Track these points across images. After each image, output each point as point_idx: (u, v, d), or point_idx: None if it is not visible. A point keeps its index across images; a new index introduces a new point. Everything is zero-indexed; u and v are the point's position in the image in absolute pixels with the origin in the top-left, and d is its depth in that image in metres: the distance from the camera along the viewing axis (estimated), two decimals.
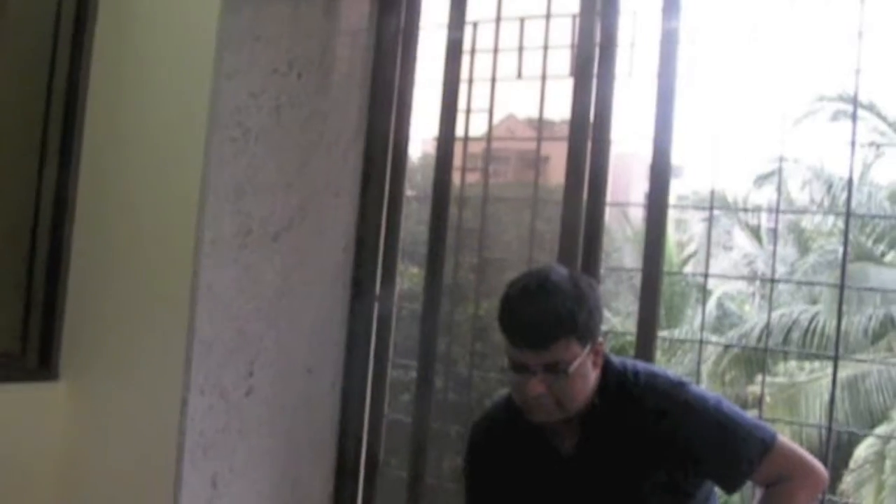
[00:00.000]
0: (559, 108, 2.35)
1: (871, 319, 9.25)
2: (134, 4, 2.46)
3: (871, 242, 10.09)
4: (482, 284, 2.52)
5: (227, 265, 2.26)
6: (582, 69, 2.26)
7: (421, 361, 2.49)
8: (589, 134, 2.24)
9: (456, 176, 2.50)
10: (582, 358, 1.47)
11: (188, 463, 2.19)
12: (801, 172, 10.42)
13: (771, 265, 9.92)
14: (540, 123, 2.45)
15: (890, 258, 10.16)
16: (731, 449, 1.51)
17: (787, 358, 10.04)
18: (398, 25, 2.58)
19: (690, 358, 9.27)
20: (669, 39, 2.15)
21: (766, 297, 11.33)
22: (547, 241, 2.43)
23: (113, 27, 2.47)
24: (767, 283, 9.65)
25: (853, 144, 2.22)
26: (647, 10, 2.21)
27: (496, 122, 2.55)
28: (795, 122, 10.44)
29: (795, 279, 10.48)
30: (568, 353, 1.45)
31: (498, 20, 2.45)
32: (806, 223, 11.15)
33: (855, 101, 4.62)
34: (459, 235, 2.52)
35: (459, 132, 2.48)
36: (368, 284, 2.58)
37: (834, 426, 3.42)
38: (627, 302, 10.02)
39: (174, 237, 2.27)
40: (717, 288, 10.79)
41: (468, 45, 2.47)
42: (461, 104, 2.46)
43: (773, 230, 10.96)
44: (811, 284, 10.32)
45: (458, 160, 2.49)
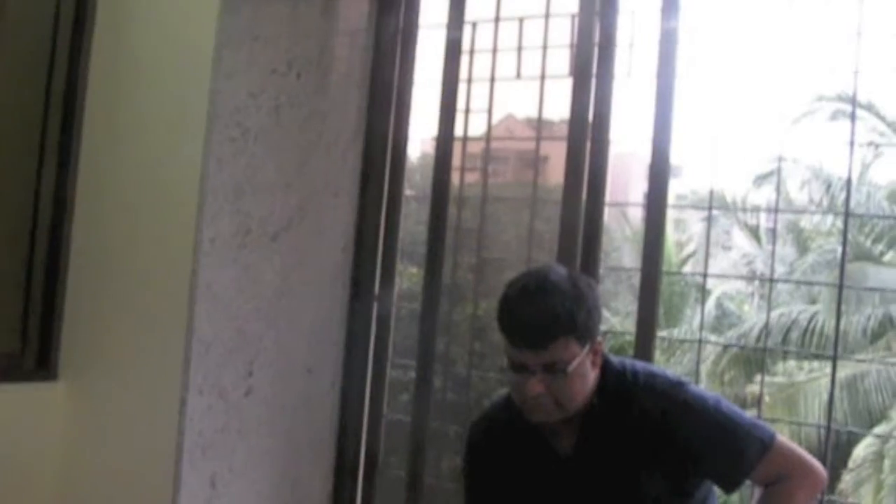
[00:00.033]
0: (558, 107, 2.35)
1: (869, 319, 9.26)
2: (132, 5, 2.46)
3: (869, 242, 10.10)
4: (481, 284, 2.52)
5: (226, 265, 2.26)
6: (581, 69, 2.26)
7: (420, 361, 2.49)
8: (588, 134, 2.24)
9: (455, 176, 2.50)
10: (581, 358, 1.47)
11: (187, 463, 2.19)
12: (799, 172, 10.43)
13: (770, 265, 9.92)
14: (539, 123, 2.45)
15: (889, 258, 10.17)
16: (730, 449, 1.51)
17: (786, 358, 10.05)
18: (397, 25, 2.58)
19: (689, 358, 9.28)
20: (668, 39, 2.16)
21: (764, 296, 11.34)
22: (546, 240, 2.43)
23: (111, 27, 2.46)
24: (766, 282, 9.67)
25: (852, 144, 2.22)
26: (646, 9, 2.21)
27: (495, 121, 2.55)
28: (794, 121, 10.47)
29: (794, 279, 10.49)
30: (567, 352, 1.46)
31: (497, 20, 2.45)
32: (805, 223, 11.16)
33: (854, 100, 4.63)
34: (458, 235, 2.52)
35: (458, 132, 2.48)
36: (367, 284, 2.58)
37: (833, 426, 3.42)
38: (626, 302, 10.02)
39: (173, 237, 2.27)
40: (716, 288, 10.81)
41: (467, 44, 2.47)
42: (460, 104, 2.46)
43: (771, 230, 10.97)
44: (810, 284, 10.32)
45: (457, 160, 2.49)
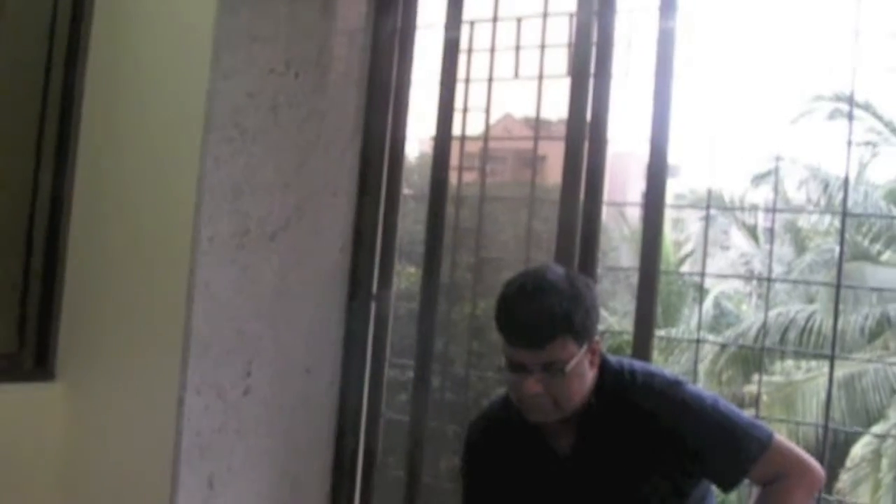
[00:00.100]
0: (556, 107, 2.35)
1: (867, 318, 9.27)
2: (130, 5, 2.46)
3: (867, 241, 10.10)
4: (479, 284, 2.52)
5: (224, 265, 2.26)
6: (579, 69, 2.26)
7: (418, 361, 2.49)
8: (586, 133, 2.24)
9: (453, 175, 2.50)
10: (579, 357, 1.47)
11: (185, 463, 2.19)
12: (797, 172, 10.43)
13: (768, 264, 9.93)
14: (537, 123, 2.45)
15: (886, 257, 10.17)
16: (728, 448, 1.51)
17: (783, 357, 10.05)
18: (395, 25, 2.58)
19: (687, 357, 9.28)
20: (666, 39, 2.16)
21: (762, 296, 11.33)
22: (544, 240, 2.43)
23: (109, 27, 2.46)
24: (764, 282, 9.66)
25: (849, 144, 2.23)
26: (643, 9, 2.21)
27: (493, 121, 2.56)
28: (792, 121, 10.47)
29: (792, 278, 10.49)
30: (564, 352, 1.46)
31: (495, 20, 2.45)
32: (802, 222, 11.16)
33: (851, 100, 4.64)
34: (456, 235, 2.52)
35: (456, 131, 2.48)
36: (366, 284, 2.58)
37: (830, 425, 3.42)
38: (624, 301, 10.03)
39: (171, 237, 2.27)
40: (713, 287, 10.81)
41: (465, 44, 2.47)
42: (458, 104, 2.47)
43: (769, 229, 10.97)
44: (808, 283, 10.32)
45: (455, 160, 2.49)
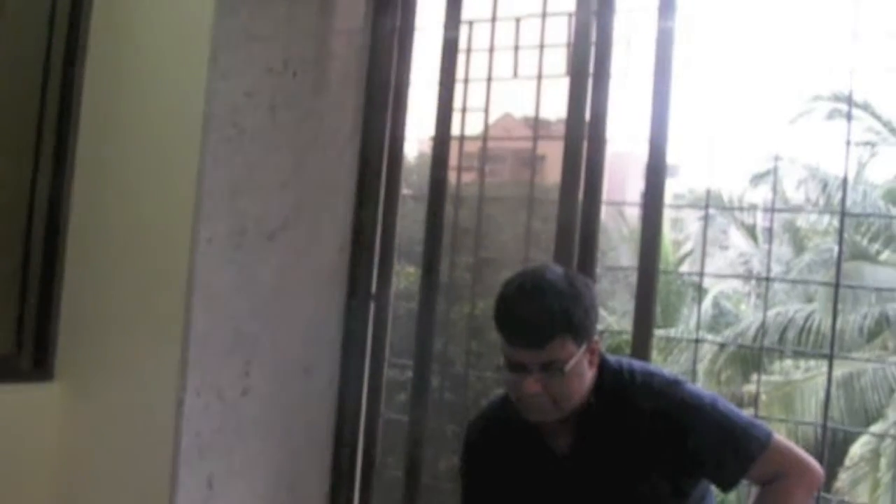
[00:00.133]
0: (555, 107, 2.36)
1: (866, 318, 9.27)
2: (129, 4, 2.46)
3: (866, 241, 10.10)
4: (478, 283, 2.52)
5: (222, 265, 2.26)
6: (578, 68, 2.26)
7: (417, 361, 2.49)
8: (585, 133, 2.24)
9: (452, 175, 2.50)
10: (578, 357, 1.47)
11: (184, 463, 2.19)
12: (796, 171, 10.44)
13: (766, 264, 9.93)
14: (536, 122, 2.45)
15: (885, 257, 10.18)
16: (727, 447, 1.51)
17: (782, 356, 10.06)
18: (394, 25, 2.58)
19: (686, 357, 9.28)
20: (665, 38, 2.16)
21: (761, 295, 11.33)
22: (543, 240, 2.43)
23: (107, 27, 2.46)
24: (763, 281, 9.67)
25: (848, 143, 2.23)
26: (642, 9, 2.21)
27: (492, 121, 2.56)
28: (791, 121, 10.48)
29: (791, 278, 10.50)
30: (564, 351, 1.45)
31: (494, 19, 2.45)
32: (801, 222, 11.17)
33: (850, 100, 4.63)
34: (455, 235, 2.52)
35: (455, 131, 2.47)
36: (364, 284, 2.58)
37: (829, 424, 3.42)
38: (623, 301, 10.03)
39: (170, 237, 2.27)
40: (712, 287, 10.81)
41: (464, 44, 2.47)
42: (457, 103, 2.46)
43: (768, 229, 10.99)
44: (806, 283, 10.33)
45: (454, 159, 2.49)
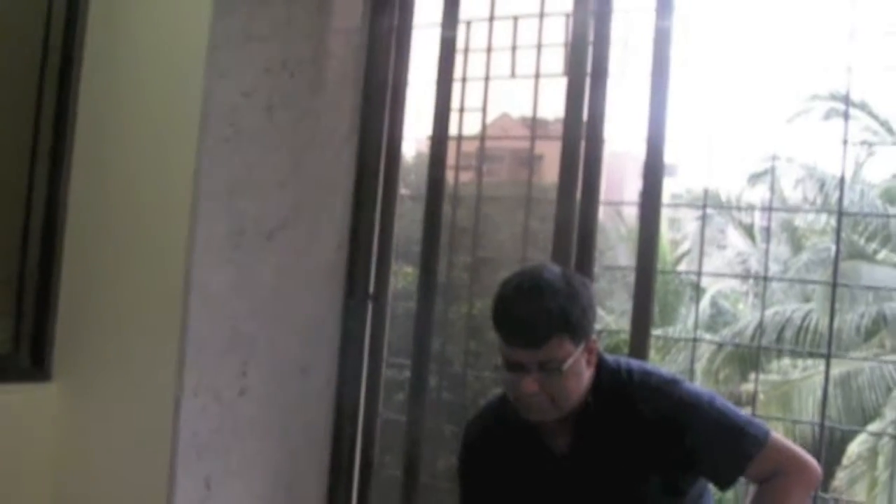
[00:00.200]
0: (553, 106, 2.35)
1: (863, 317, 9.29)
2: (125, 4, 2.45)
3: (863, 240, 10.12)
4: (476, 283, 2.52)
5: (220, 265, 2.26)
6: (575, 68, 2.26)
7: (415, 360, 2.48)
8: (582, 133, 2.24)
9: (450, 175, 2.50)
10: (575, 356, 1.47)
11: (181, 464, 2.19)
12: (794, 171, 10.45)
13: (764, 263, 9.94)
14: (534, 122, 2.45)
15: (882, 256, 10.19)
16: (725, 445, 1.51)
17: (780, 356, 10.07)
18: (391, 24, 2.58)
19: (684, 356, 9.29)
20: (662, 38, 2.16)
21: (759, 295, 11.35)
22: (541, 239, 2.44)
23: (104, 27, 2.46)
24: (761, 281, 9.68)
25: (845, 143, 2.23)
26: (640, 9, 2.21)
27: (490, 120, 2.56)
28: (788, 120, 10.49)
29: (788, 277, 10.51)
30: (561, 351, 1.46)
31: (491, 19, 2.45)
32: (799, 221, 11.18)
33: (847, 99, 4.64)
34: (453, 234, 2.52)
35: (453, 131, 2.47)
36: (362, 283, 2.58)
37: (827, 423, 3.43)
38: (621, 300, 10.04)
39: (167, 237, 2.27)
40: (710, 286, 10.82)
41: (462, 43, 2.47)
42: (455, 103, 2.46)
43: (766, 228, 10.99)
44: (804, 283, 10.35)
45: (451, 159, 2.49)
